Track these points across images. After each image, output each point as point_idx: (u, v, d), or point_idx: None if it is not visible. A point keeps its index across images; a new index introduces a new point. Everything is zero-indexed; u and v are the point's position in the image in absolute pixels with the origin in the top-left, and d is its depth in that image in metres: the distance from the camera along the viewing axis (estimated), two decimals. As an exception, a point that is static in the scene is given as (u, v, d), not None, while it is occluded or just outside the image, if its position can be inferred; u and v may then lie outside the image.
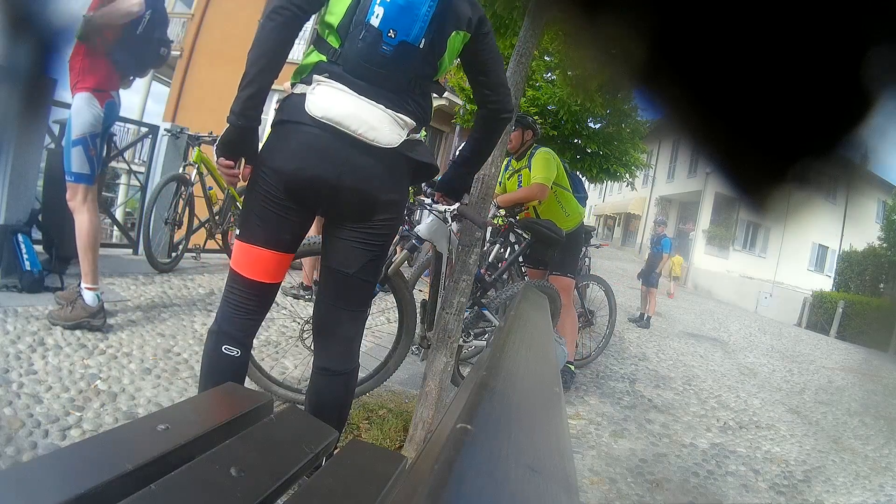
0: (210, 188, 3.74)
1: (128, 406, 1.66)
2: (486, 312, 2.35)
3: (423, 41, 1.10)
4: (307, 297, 3.25)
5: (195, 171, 3.47)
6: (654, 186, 19.15)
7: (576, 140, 8.31)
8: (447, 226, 1.88)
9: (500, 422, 0.37)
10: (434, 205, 1.74)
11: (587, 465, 2.06)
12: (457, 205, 1.66)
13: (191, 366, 2.04)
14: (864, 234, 13.59)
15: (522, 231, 2.66)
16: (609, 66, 0.35)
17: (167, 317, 2.49)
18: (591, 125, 8.20)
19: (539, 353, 0.71)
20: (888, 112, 0.26)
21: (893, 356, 9.45)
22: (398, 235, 3.10)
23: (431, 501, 0.24)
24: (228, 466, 0.50)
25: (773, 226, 13.27)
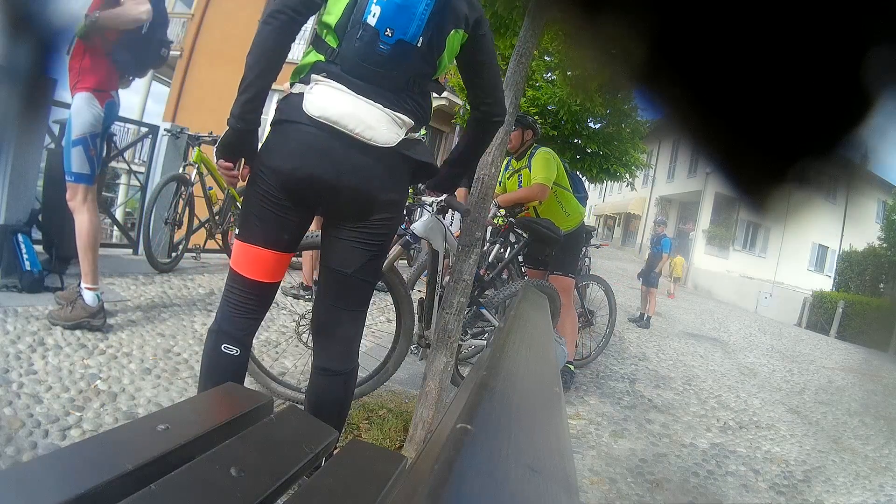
0: (210, 188, 3.74)
1: (128, 406, 1.66)
2: (484, 312, 2.34)
3: (421, 40, 1.10)
4: (307, 297, 3.25)
5: (195, 171, 3.47)
6: (654, 186, 19.15)
7: (576, 140, 8.31)
8: (442, 224, 1.88)
9: (500, 422, 0.37)
10: (422, 197, 1.75)
11: (587, 465, 2.06)
12: (444, 196, 1.67)
13: (191, 366, 2.04)
14: (864, 234, 13.59)
15: (521, 230, 2.65)
16: (609, 66, 0.35)
17: (167, 317, 2.49)
18: (591, 125, 8.21)
19: (539, 353, 0.71)
20: (888, 112, 0.26)
21: (893, 356, 9.45)
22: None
23: (431, 501, 0.24)
24: (228, 466, 0.50)
25: (773, 226, 13.28)
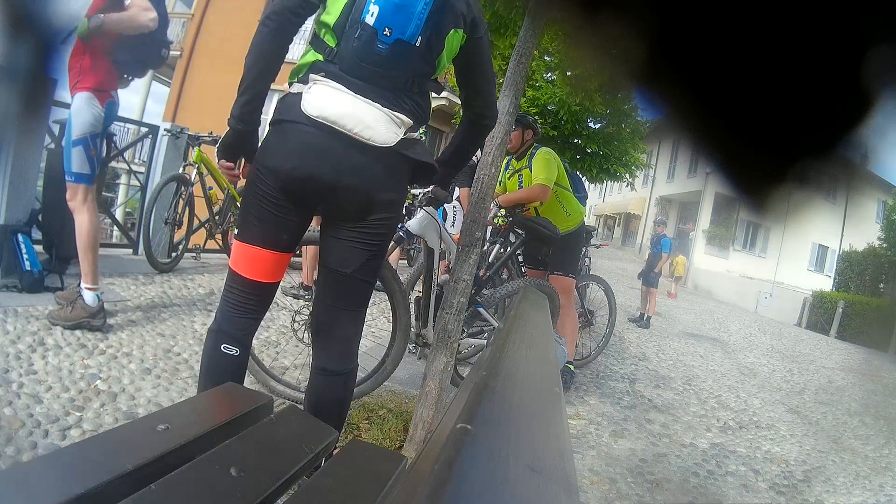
0: (210, 188, 3.74)
1: (128, 406, 1.66)
2: (482, 311, 2.33)
3: (420, 39, 1.10)
4: (307, 298, 3.25)
5: (195, 171, 3.47)
6: (654, 186, 19.15)
7: (576, 140, 8.32)
8: (437, 221, 1.89)
9: (500, 422, 0.37)
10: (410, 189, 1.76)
11: (587, 465, 2.06)
12: (431, 187, 1.67)
13: (191, 366, 2.04)
14: (864, 234, 13.59)
15: (518, 228, 2.64)
16: (609, 66, 0.35)
17: (167, 317, 2.49)
18: (591, 125, 8.22)
19: (539, 353, 0.71)
20: (888, 112, 0.26)
21: (893, 356, 9.46)
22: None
23: (431, 501, 0.24)
24: (228, 466, 0.50)
25: (773, 226, 13.28)
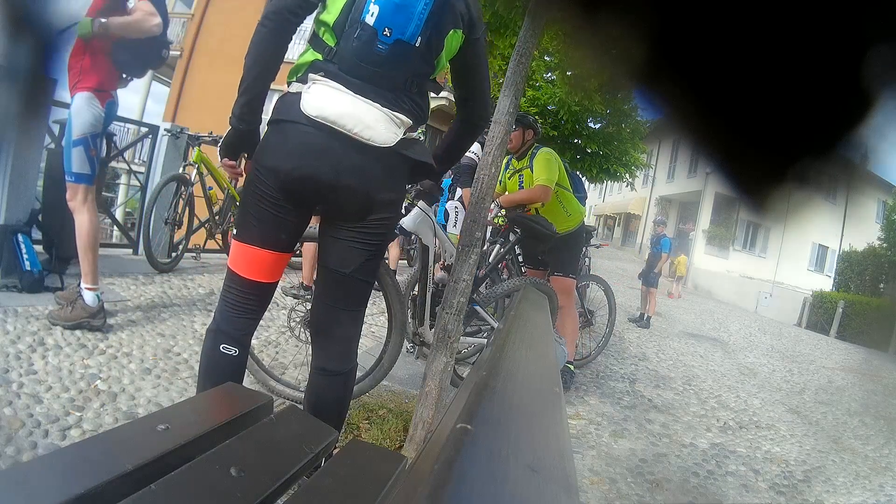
0: (210, 188, 3.74)
1: (128, 406, 1.66)
2: (478, 309, 2.32)
3: (420, 39, 1.10)
4: (307, 298, 3.25)
5: (195, 171, 3.47)
6: (654, 186, 19.16)
7: (576, 140, 8.33)
8: (431, 218, 1.89)
9: (500, 422, 0.37)
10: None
11: (587, 465, 2.06)
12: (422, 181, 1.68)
13: (191, 366, 2.04)
14: (864, 234, 13.59)
15: (513, 226, 2.63)
16: (609, 66, 0.35)
17: (167, 317, 2.49)
18: (591, 125, 8.23)
19: (539, 353, 0.71)
20: (888, 112, 0.26)
21: (893, 356, 9.46)
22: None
23: (431, 501, 0.24)
24: (228, 466, 0.50)
25: (773, 226, 13.28)
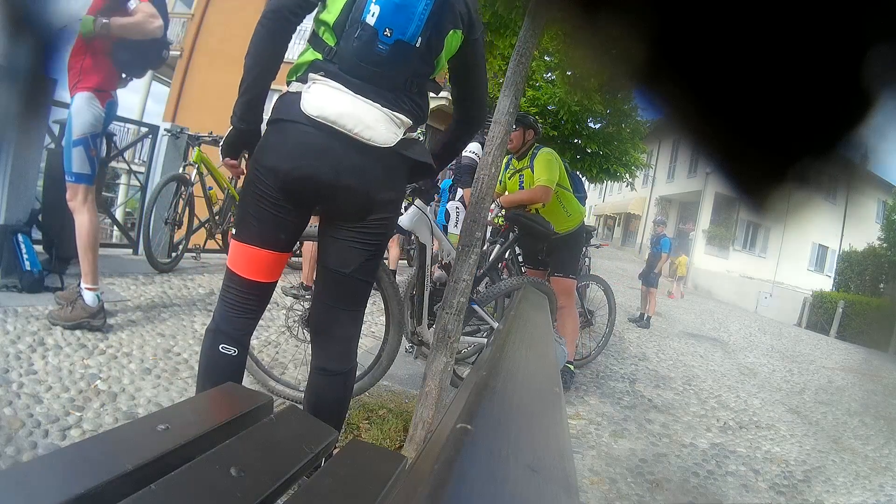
0: (210, 188, 3.74)
1: (128, 406, 1.66)
2: (476, 308, 2.31)
3: (420, 40, 1.10)
4: (307, 298, 3.25)
5: (195, 171, 3.46)
6: (654, 186, 19.16)
7: (576, 140, 8.33)
8: (428, 216, 1.89)
9: (500, 422, 0.37)
10: None
11: (587, 465, 2.06)
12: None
13: (191, 366, 2.04)
14: (864, 234, 13.60)
15: (511, 225, 2.63)
16: (609, 66, 0.35)
17: (167, 317, 2.49)
18: (591, 125, 8.24)
19: (539, 353, 0.71)
20: (888, 112, 0.26)
21: (893, 356, 9.46)
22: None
23: (431, 501, 0.24)
24: (228, 466, 0.50)
25: (773, 226, 13.28)
